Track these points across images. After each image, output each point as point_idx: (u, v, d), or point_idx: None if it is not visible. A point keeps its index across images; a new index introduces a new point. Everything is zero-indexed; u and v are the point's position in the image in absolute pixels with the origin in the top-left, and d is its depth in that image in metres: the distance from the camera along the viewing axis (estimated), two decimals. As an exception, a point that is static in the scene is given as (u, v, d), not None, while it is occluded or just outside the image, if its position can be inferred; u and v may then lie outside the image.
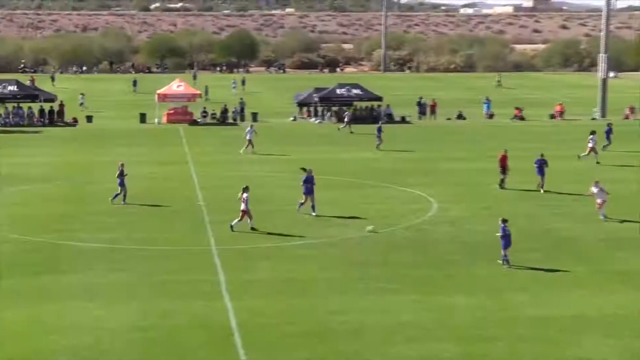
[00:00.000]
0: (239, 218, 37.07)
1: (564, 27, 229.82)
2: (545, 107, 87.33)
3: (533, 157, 54.93)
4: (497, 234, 32.46)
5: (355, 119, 76.38)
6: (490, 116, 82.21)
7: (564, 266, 32.22)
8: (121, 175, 43.05)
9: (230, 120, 78.84)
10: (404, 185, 48.39)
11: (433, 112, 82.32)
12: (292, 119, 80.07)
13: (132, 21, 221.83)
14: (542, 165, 46.51)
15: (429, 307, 27.80)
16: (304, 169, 41.58)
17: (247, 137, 60.12)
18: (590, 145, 55.89)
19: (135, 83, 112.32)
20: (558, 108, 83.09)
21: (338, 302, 28.30)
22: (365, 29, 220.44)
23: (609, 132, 61.03)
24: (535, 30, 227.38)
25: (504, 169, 47.28)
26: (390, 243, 35.79)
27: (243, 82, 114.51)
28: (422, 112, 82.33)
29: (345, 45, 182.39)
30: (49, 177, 50.71)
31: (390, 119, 78.14)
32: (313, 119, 79.64)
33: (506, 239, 32.02)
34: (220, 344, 24.71)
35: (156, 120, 77.17)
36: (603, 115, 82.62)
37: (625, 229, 38.17)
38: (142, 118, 77.83)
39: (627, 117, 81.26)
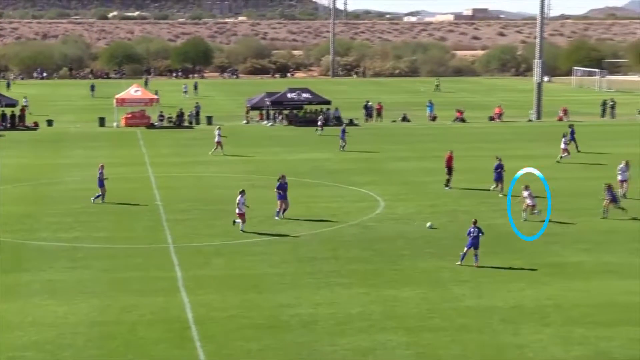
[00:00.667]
0: (241, 222, 37.03)
1: (501, 34, 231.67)
2: (485, 110, 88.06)
3: (476, 156, 55.55)
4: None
5: (307, 122, 76.95)
6: (434, 118, 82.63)
7: (503, 260, 32.52)
8: (101, 176, 43.28)
9: (186, 124, 78.56)
10: (352, 184, 48.50)
11: (379, 114, 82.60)
12: (245, 122, 79.90)
13: (90, 29, 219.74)
14: (501, 170, 45.21)
15: (377, 300, 27.91)
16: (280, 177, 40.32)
17: (216, 140, 60.04)
18: (562, 146, 56.33)
19: (92, 88, 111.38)
20: (497, 110, 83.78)
21: (289, 296, 28.31)
22: (314, 36, 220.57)
23: (572, 134, 60.92)
24: (475, 37, 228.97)
25: (449, 169, 47.13)
26: (340, 240, 35.85)
27: (195, 87, 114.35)
28: (368, 115, 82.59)
29: (295, 52, 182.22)
30: (12, 178, 50.06)
31: (338, 121, 78.32)
32: (265, 121, 79.56)
33: (472, 239, 31.69)
34: (177, 337, 24.62)
35: (115, 123, 76.70)
36: (538, 117, 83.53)
37: (558, 224, 38.60)
38: (102, 122, 77.29)
39: (560, 119, 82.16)
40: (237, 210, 37.03)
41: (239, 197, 37.07)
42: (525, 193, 39.31)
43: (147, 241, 35.64)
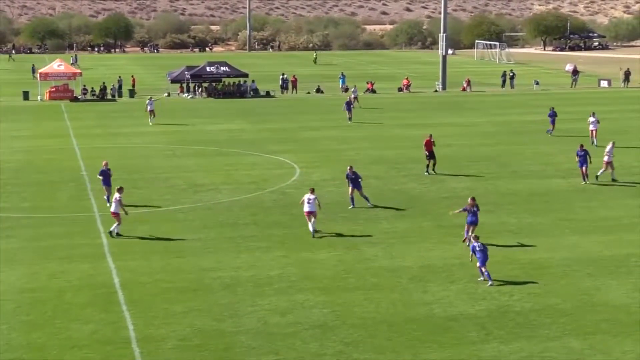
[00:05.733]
0: (117, 223, 31.03)
1: (408, 9, 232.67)
2: (394, 81, 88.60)
3: (386, 125, 55.90)
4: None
5: (224, 94, 76.55)
6: (346, 90, 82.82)
7: (413, 222, 32.87)
8: (104, 174, 35.68)
9: (109, 97, 77.38)
10: (269, 153, 48.40)
11: (294, 86, 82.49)
12: (166, 94, 78.98)
13: (12, 5, 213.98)
14: (585, 155, 39.30)
15: (294, 262, 27.99)
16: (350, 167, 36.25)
17: (149, 109, 59.57)
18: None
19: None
20: (405, 82, 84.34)
21: (211, 260, 28.21)
22: (231, 11, 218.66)
23: (553, 115, 53.90)
24: (383, 12, 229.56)
25: (430, 153, 41.99)
26: (258, 206, 35.80)
27: (75, 59, 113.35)
28: (284, 87, 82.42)
29: (214, 27, 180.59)
30: (-63, 152, 48.70)
31: (256, 93, 78.13)
32: (185, 94, 78.78)
33: (472, 216, 29.54)
34: (104, 301, 24.34)
35: (39, 97, 75.20)
36: (444, 87, 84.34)
37: (462, 187, 39.13)
38: (25, 95, 75.68)
39: (464, 89, 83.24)
40: (112, 209, 31.06)
41: (116, 194, 31.10)
42: (310, 197, 31.36)
43: (73, 210, 35.06)
